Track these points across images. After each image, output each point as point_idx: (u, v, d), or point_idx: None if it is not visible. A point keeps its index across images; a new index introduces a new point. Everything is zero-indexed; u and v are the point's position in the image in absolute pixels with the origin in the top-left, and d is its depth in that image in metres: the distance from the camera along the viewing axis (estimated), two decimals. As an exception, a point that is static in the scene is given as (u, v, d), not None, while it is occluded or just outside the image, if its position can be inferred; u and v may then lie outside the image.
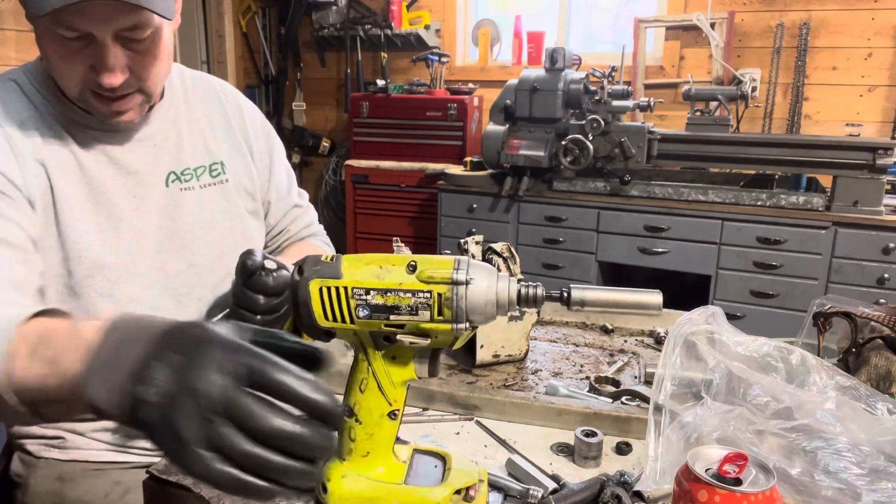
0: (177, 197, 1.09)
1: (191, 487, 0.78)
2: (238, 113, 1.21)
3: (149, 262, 1.05)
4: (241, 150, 1.19)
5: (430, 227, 3.55)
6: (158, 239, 1.07)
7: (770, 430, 0.76)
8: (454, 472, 0.73)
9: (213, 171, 1.14)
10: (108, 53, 0.92)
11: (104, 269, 1.00)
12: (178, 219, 1.09)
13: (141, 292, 1.04)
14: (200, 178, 1.12)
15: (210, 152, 1.15)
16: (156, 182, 1.08)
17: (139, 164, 1.06)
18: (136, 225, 1.05)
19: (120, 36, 0.92)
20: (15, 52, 3.21)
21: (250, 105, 1.25)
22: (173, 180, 1.09)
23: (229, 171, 1.16)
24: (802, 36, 3.24)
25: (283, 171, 1.29)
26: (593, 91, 2.91)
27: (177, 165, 1.10)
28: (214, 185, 1.14)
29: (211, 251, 1.12)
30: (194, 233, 1.10)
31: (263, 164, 1.24)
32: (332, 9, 4.05)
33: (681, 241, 2.80)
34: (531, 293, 0.68)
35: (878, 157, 2.51)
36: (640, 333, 1.36)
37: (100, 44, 0.91)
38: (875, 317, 1.00)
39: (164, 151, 1.09)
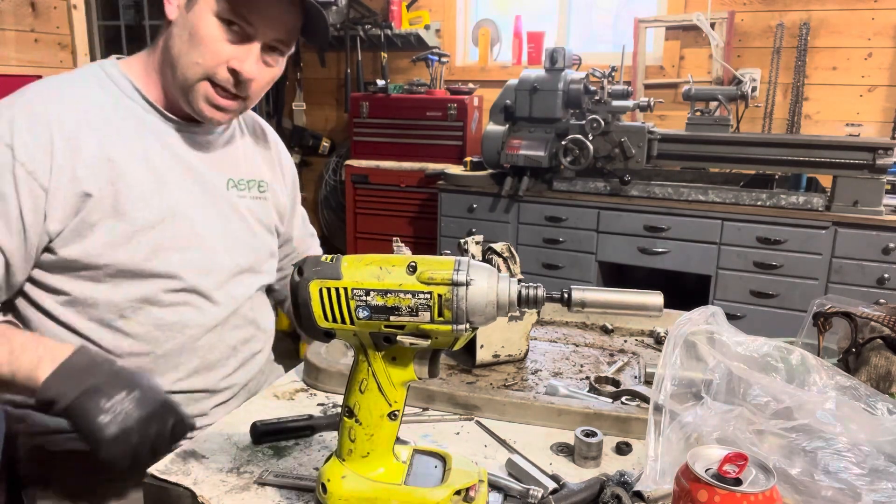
0: (235, 201, 1.20)
1: (191, 488, 0.78)
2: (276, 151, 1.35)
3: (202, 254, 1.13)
4: (277, 179, 1.32)
5: (430, 227, 3.55)
6: (214, 234, 1.15)
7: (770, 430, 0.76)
8: (454, 473, 0.73)
9: (260, 187, 1.25)
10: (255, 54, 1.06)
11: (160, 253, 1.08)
12: (233, 220, 1.19)
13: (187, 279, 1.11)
14: (251, 190, 1.23)
15: (258, 171, 1.27)
16: (217, 184, 1.18)
17: (203, 165, 1.16)
18: (194, 219, 1.13)
19: (267, 46, 1.07)
20: (15, 52, 3.21)
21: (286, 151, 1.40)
22: (232, 186, 1.20)
23: (269, 191, 1.28)
24: (802, 36, 3.24)
25: (301, 212, 1.44)
26: (593, 91, 2.91)
27: (234, 174, 1.21)
28: (260, 199, 1.25)
29: (250, 256, 1.22)
30: (242, 236, 1.20)
31: (289, 200, 1.36)
32: (332, 9, 4.04)
33: (681, 241, 2.80)
34: (531, 294, 0.68)
35: (878, 157, 2.51)
36: (640, 333, 1.37)
37: (251, 45, 1.06)
38: (875, 317, 1.00)
39: (225, 160, 1.20)
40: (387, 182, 3.72)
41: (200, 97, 1.07)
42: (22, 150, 1.00)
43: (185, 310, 1.11)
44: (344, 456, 0.72)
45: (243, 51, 1.06)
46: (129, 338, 1.08)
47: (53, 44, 3.37)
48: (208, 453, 0.85)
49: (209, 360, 1.15)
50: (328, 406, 1.00)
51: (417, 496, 0.70)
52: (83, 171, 1.03)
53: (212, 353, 1.15)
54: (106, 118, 1.07)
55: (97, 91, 1.09)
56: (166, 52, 1.08)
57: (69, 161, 1.02)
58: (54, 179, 1.01)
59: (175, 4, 1.07)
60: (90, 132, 1.05)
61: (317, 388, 1.05)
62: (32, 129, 1.01)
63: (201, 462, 0.83)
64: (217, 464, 0.83)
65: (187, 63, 1.05)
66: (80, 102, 1.07)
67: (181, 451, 0.85)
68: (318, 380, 1.05)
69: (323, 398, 1.03)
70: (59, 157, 1.02)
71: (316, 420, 0.91)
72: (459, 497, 0.71)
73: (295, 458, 0.86)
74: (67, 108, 1.05)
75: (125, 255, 1.05)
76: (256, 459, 0.85)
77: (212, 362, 1.16)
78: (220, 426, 0.93)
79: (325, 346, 1.11)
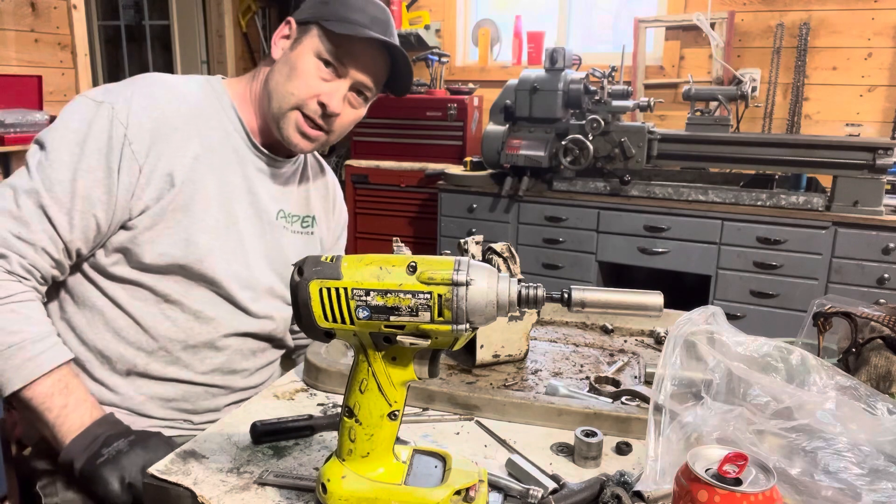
0: (280, 231, 1.28)
1: (191, 488, 0.78)
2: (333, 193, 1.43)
3: (245, 268, 1.21)
4: (328, 214, 1.40)
5: (430, 227, 3.55)
6: (258, 254, 1.23)
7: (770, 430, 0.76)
8: (454, 473, 0.73)
9: (304, 222, 1.34)
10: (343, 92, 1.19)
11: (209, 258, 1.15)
12: (276, 249, 1.26)
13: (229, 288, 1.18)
14: (293, 224, 1.31)
15: (308, 206, 1.35)
16: (269, 210, 1.26)
17: (264, 191, 1.25)
18: (245, 236, 1.21)
19: (354, 88, 1.20)
20: (15, 52, 3.21)
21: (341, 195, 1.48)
22: (281, 217, 1.28)
23: (317, 226, 1.36)
24: (802, 36, 3.24)
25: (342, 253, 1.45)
26: (593, 91, 2.91)
27: (286, 206, 1.30)
28: (303, 233, 1.33)
29: (280, 284, 1.27)
30: (279, 266, 1.27)
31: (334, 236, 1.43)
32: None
33: (681, 241, 2.80)
34: (532, 294, 0.68)
35: (878, 157, 2.51)
36: (640, 333, 1.37)
37: (340, 83, 1.18)
38: (875, 317, 1.00)
39: (283, 192, 1.29)
40: (387, 182, 3.72)
41: (291, 124, 1.19)
42: (134, 130, 1.09)
43: (223, 311, 1.19)
44: (344, 456, 0.72)
45: (333, 87, 1.18)
46: (167, 321, 1.15)
47: (53, 44, 3.37)
48: (208, 453, 0.85)
49: (233, 361, 1.22)
50: (328, 406, 1.00)
51: (417, 496, 0.70)
52: (175, 161, 1.12)
53: (237, 354, 1.23)
54: (202, 122, 1.18)
55: (201, 97, 1.20)
56: (266, 84, 1.21)
57: (167, 148, 1.12)
58: (150, 160, 1.10)
59: (281, 47, 1.22)
60: (189, 129, 1.15)
61: (317, 388, 1.05)
62: (147, 111, 1.11)
63: (201, 462, 0.83)
64: (217, 464, 0.83)
65: (283, 93, 1.18)
66: (188, 100, 1.18)
67: (181, 452, 0.85)
68: (318, 380, 1.05)
69: (323, 398, 1.03)
70: (161, 142, 1.11)
71: (316, 420, 0.91)
72: (459, 497, 0.71)
73: (295, 458, 0.86)
74: (179, 100, 1.16)
75: (180, 252, 1.13)
76: (256, 459, 0.85)
77: (235, 363, 1.23)
78: (220, 426, 0.93)
79: (325, 346, 1.11)
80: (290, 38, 1.21)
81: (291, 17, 1.23)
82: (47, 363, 1.04)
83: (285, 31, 1.22)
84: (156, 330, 1.15)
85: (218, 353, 1.20)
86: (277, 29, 1.23)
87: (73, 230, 1.07)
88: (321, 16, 1.17)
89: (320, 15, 1.17)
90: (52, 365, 1.05)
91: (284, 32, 1.22)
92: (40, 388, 1.03)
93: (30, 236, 1.05)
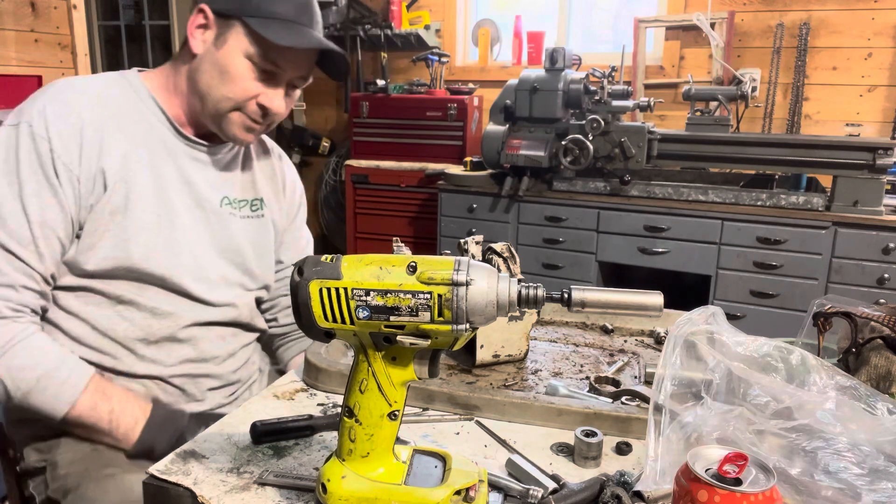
0: (227, 219, 1.24)
1: (191, 487, 0.78)
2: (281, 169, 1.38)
3: (193, 261, 1.18)
4: (278, 194, 1.36)
5: (430, 227, 3.55)
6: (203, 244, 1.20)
7: (770, 430, 0.76)
8: (454, 473, 0.73)
9: (253, 206, 1.30)
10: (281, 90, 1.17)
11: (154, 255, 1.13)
12: (223, 237, 1.23)
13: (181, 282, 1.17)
14: (241, 209, 1.27)
15: (255, 189, 1.31)
16: (211, 199, 1.22)
17: (202, 181, 1.21)
18: (189, 229, 1.18)
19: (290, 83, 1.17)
20: (15, 52, 3.21)
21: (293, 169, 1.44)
22: (226, 203, 1.25)
23: (267, 207, 1.32)
24: (802, 36, 3.24)
25: (304, 232, 1.44)
26: (593, 91, 2.91)
27: (230, 192, 1.26)
28: (252, 218, 1.29)
29: (236, 272, 1.26)
30: (231, 255, 1.25)
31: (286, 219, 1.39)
32: (332, 9, 4.04)
33: (681, 241, 2.80)
34: (532, 294, 0.68)
35: (878, 157, 2.51)
36: (640, 333, 1.37)
37: (278, 82, 1.16)
38: (875, 317, 1.00)
39: (223, 178, 1.25)
40: (387, 182, 3.72)
41: (233, 124, 1.17)
42: (57, 140, 1.06)
43: (179, 305, 1.17)
44: (344, 456, 0.72)
45: (271, 90, 1.16)
46: (125, 321, 1.14)
47: (53, 44, 3.37)
48: (208, 453, 0.85)
49: (203, 350, 1.22)
50: (328, 406, 1.00)
51: (417, 496, 0.70)
52: (105, 162, 1.10)
53: (204, 342, 1.22)
54: (122, 118, 1.14)
55: (117, 93, 1.16)
56: (193, 82, 1.16)
57: (95, 150, 1.09)
58: (84, 168, 1.08)
59: (201, 40, 1.14)
60: (111, 126, 1.12)
61: (317, 388, 1.05)
62: (64, 118, 1.08)
63: (201, 462, 0.83)
64: (217, 464, 0.83)
65: (218, 97, 1.14)
66: (103, 97, 1.13)
67: (181, 451, 0.85)
68: (318, 380, 1.05)
69: (323, 398, 1.03)
70: (87, 146, 1.08)
71: (316, 420, 0.91)
72: (459, 497, 0.70)
73: (295, 458, 0.86)
74: (93, 100, 1.12)
75: (122, 254, 1.11)
76: (256, 459, 0.85)
77: (205, 351, 1.22)
78: (220, 426, 0.93)
79: (325, 346, 1.11)
80: (209, 29, 1.14)
81: (205, 5, 1.13)
82: (80, 381, 1.07)
83: (200, 20, 1.14)
84: (114, 332, 1.14)
85: (183, 345, 1.19)
86: (191, 17, 1.14)
87: (42, 259, 1.06)
88: (242, 10, 1.10)
89: (241, 9, 1.10)
90: (84, 381, 1.07)
91: (200, 22, 1.14)
92: (83, 405, 1.07)
93: (5, 280, 1.04)
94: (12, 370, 1.04)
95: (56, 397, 1.05)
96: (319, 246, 4.68)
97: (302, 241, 1.43)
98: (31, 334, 1.06)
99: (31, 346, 1.05)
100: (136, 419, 1.10)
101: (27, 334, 1.06)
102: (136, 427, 1.10)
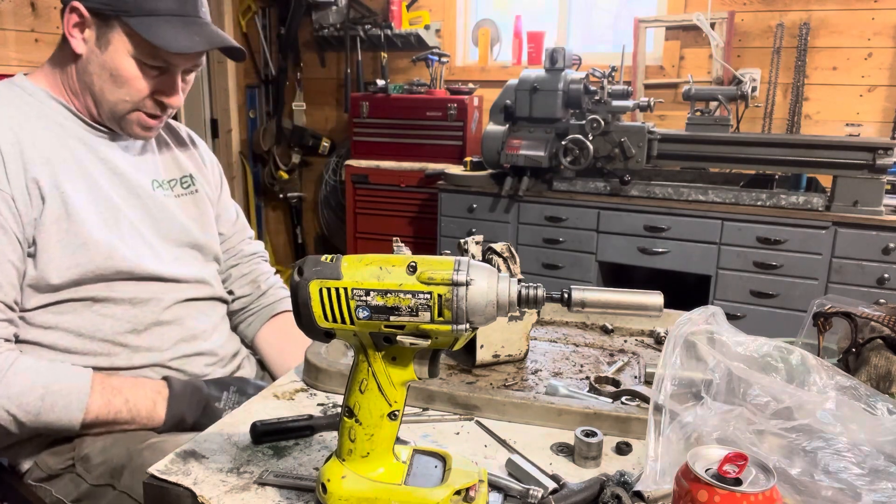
0: (162, 201, 1.23)
1: (191, 488, 0.78)
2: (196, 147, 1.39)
3: (147, 247, 1.18)
4: (201, 169, 1.36)
5: (430, 227, 3.55)
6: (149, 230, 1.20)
7: (770, 430, 0.76)
8: (454, 473, 0.73)
9: (183, 183, 1.30)
10: (178, 82, 1.15)
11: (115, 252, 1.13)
12: (164, 219, 1.23)
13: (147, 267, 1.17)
14: (174, 188, 1.28)
15: (180, 167, 1.31)
16: (143, 184, 1.21)
17: (126, 167, 1.19)
18: (132, 219, 1.17)
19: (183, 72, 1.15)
20: (15, 52, 3.21)
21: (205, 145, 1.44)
22: (157, 186, 1.24)
23: (198, 182, 1.33)
24: (802, 36, 3.24)
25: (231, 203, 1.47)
26: (593, 91, 2.91)
27: (157, 175, 1.25)
28: (187, 194, 1.30)
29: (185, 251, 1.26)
30: (177, 235, 1.24)
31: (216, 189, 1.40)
32: (332, 9, 4.05)
33: (681, 241, 2.80)
34: (532, 294, 0.68)
35: (878, 157, 2.51)
36: (640, 333, 1.37)
37: (172, 74, 1.13)
38: (875, 317, 1.00)
39: (146, 162, 1.24)
40: (387, 182, 3.72)
41: (132, 124, 1.16)
42: None
43: (155, 289, 1.18)
44: (344, 456, 0.72)
45: (165, 83, 1.14)
46: (108, 319, 1.14)
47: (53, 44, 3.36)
48: (208, 453, 0.85)
49: (189, 327, 1.22)
50: (328, 406, 1.00)
51: (417, 496, 0.70)
52: (34, 172, 1.07)
53: (189, 319, 1.23)
54: (32, 125, 1.11)
55: (16, 100, 1.12)
56: (84, 83, 1.13)
57: (19, 165, 1.06)
58: (14, 185, 1.05)
59: (81, 39, 1.10)
60: (26, 137, 1.08)
61: (317, 388, 1.05)
62: None
63: (201, 462, 0.83)
64: (217, 464, 0.83)
65: (115, 100, 1.12)
66: (7, 108, 1.10)
67: (181, 451, 0.85)
68: (318, 380, 1.05)
69: (323, 398, 1.03)
70: (11, 163, 1.05)
71: (316, 420, 0.91)
72: (459, 497, 0.71)
73: (295, 458, 0.86)
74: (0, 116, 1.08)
75: (84, 258, 1.09)
76: (256, 459, 0.85)
77: (192, 328, 1.23)
78: (221, 426, 0.93)
79: (325, 346, 1.11)
80: (88, 28, 1.09)
81: (78, 3, 1.07)
82: (83, 385, 1.06)
83: (75, 18, 1.09)
84: (101, 332, 1.13)
85: (171, 326, 1.20)
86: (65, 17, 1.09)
87: (1, 288, 1.04)
88: (120, 8, 1.06)
89: (118, 7, 1.06)
90: (87, 383, 1.07)
91: (75, 20, 1.09)
92: (96, 405, 1.06)
93: None
94: (13, 398, 1.03)
95: (67, 408, 1.05)
96: (320, 246, 4.68)
97: (232, 211, 1.44)
98: (14, 360, 1.05)
99: (21, 371, 1.04)
100: (153, 399, 1.10)
101: (10, 361, 1.04)
102: (157, 406, 1.11)
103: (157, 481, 0.79)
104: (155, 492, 0.80)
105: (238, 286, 1.42)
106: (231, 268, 1.42)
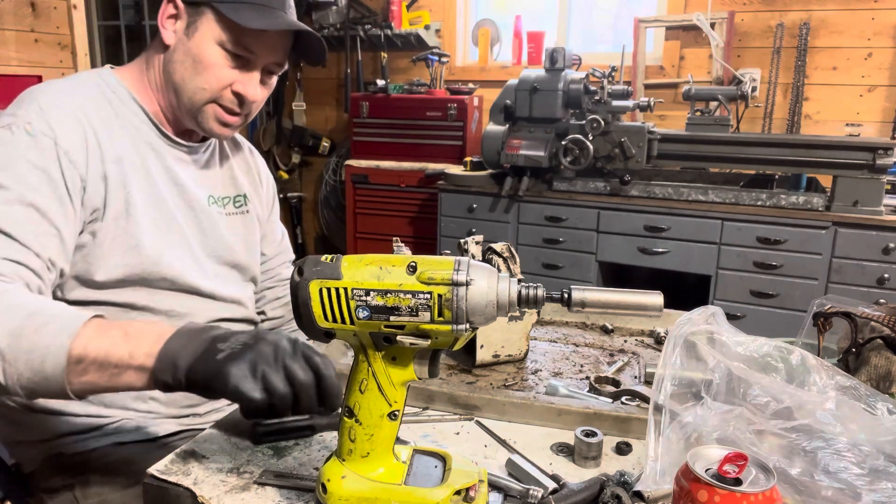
0: (215, 217, 1.23)
1: (191, 488, 0.78)
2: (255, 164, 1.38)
3: (194, 261, 1.18)
4: (257, 188, 1.36)
5: (430, 227, 3.55)
6: (198, 243, 1.20)
7: (770, 430, 0.76)
8: (454, 473, 0.73)
9: (236, 202, 1.30)
10: (256, 76, 1.15)
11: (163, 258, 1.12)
12: (212, 236, 1.23)
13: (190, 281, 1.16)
14: (226, 206, 1.27)
15: (236, 185, 1.31)
16: (200, 198, 1.21)
17: (187, 179, 1.19)
18: (184, 231, 1.17)
19: (265, 69, 1.15)
20: (15, 52, 3.21)
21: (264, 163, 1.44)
22: (212, 202, 1.24)
23: (250, 203, 1.33)
24: (802, 36, 3.24)
25: (279, 224, 1.46)
26: (593, 91, 2.91)
27: (214, 190, 1.25)
28: (237, 214, 1.29)
29: (225, 269, 1.25)
30: (222, 252, 1.24)
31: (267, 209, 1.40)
32: (332, 9, 4.04)
33: (681, 241, 2.80)
34: (532, 294, 0.68)
35: (878, 157, 2.51)
36: (640, 333, 1.37)
37: (253, 67, 1.13)
38: (875, 317, 1.00)
39: (207, 176, 1.25)
40: (387, 182, 3.72)
41: (210, 117, 1.15)
42: (63, 139, 1.02)
43: (192, 304, 1.17)
44: (344, 456, 0.72)
45: (246, 76, 1.13)
46: None
47: (53, 44, 3.37)
48: (208, 453, 0.85)
49: None
50: (328, 406, 1.00)
51: (417, 496, 0.70)
52: (106, 167, 1.07)
53: None
54: (112, 121, 1.11)
55: (98, 95, 1.12)
56: (167, 74, 1.14)
57: (97, 154, 1.06)
58: (91, 170, 1.05)
59: (172, 30, 1.12)
60: (104, 133, 1.09)
61: (317, 388, 1.05)
62: (66, 120, 1.04)
63: (201, 462, 0.83)
64: (217, 464, 0.83)
65: (193, 88, 1.12)
66: (90, 102, 1.10)
67: (181, 451, 0.85)
68: (318, 380, 1.05)
69: (323, 398, 1.03)
70: (92, 149, 1.06)
71: (316, 420, 0.91)
72: (459, 497, 0.71)
73: (295, 458, 0.86)
74: (82, 103, 1.08)
75: (134, 259, 1.09)
76: (256, 459, 0.85)
77: None
78: (221, 426, 0.93)
79: (324, 346, 1.11)
80: (180, 19, 1.12)
81: None
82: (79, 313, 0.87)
83: (171, 10, 1.12)
84: None
85: None
86: (161, 8, 1.12)
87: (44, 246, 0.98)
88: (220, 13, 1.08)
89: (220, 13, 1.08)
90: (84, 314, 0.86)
91: (171, 12, 1.12)
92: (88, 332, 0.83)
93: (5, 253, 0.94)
94: None
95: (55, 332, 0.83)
96: (320, 246, 4.68)
97: (278, 233, 1.44)
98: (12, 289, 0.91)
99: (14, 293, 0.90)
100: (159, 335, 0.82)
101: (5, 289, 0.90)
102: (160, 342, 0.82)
103: (157, 481, 0.79)
104: (155, 492, 0.80)
105: (270, 308, 1.42)
106: (267, 289, 1.41)
